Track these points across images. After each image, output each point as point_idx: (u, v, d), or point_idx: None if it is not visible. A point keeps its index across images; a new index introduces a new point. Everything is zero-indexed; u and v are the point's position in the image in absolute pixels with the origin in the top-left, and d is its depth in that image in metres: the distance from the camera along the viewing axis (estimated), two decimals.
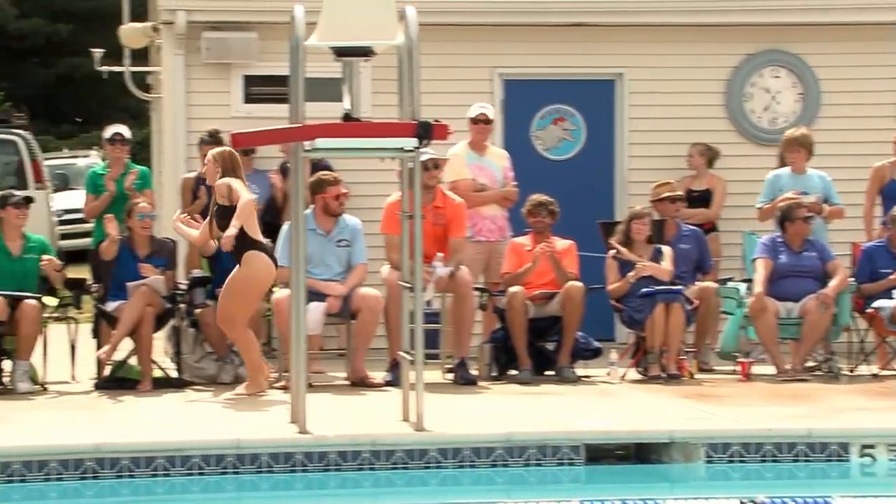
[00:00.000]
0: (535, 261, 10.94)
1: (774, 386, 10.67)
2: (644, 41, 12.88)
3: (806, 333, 11.07)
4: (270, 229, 11.38)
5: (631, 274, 11.05)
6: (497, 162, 11.72)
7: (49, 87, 34.68)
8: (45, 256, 10.49)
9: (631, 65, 12.92)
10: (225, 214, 9.88)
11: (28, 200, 10.81)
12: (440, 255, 10.65)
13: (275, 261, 10.06)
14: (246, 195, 9.82)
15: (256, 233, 9.93)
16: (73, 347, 11.00)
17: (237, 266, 9.93)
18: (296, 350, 8.54)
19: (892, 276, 11.22)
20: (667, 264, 11.08)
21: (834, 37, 12.94)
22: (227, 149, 10.24)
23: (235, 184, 9.86)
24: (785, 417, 9.02)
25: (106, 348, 10.44)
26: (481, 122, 11.61)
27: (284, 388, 9.80)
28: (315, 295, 10.19)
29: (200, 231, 10.27)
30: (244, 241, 9.84)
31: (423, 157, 9.29)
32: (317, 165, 11.08)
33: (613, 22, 12.82)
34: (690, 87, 12.93)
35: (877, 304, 11.17)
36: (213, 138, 11.79)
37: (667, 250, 11.23)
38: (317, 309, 10.30)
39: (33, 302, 10.38)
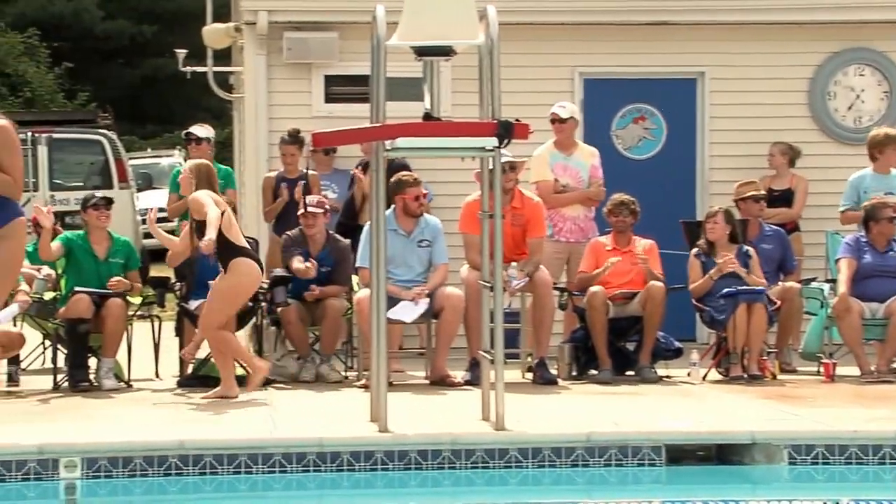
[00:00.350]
0: (606, 268, 10.85)
1: (859, 387, 10.55)
2: (726, 40, 12.79)
3: (891, 334, 10.93)
4: (347, 230, 11.45)
5: (713, 270, 10.98)
6: (584, 160, 11.66)
7: (133, 88, 35.11)
8: (112, 279, 10.57)
9: (712, 63, 12.84)
10: (202, 229, 9.86)
11: (108, 201, 10.93)
12: (514, 264, 10.62)
13: (260, 264, 9.99)
14: (213, 211, 9.67)
15: (238, 239, 9.85)
16: (156, 345, 11.13)
17: (221, 272, 9.86)
18: (376, 349, 8.57)
19: None
20: (758, 273, 10.99)
21: None
22: (204, 162, 10.25)
23: (204, 197, 9.76)
24: (870, 419, 8.92)
25: (189, 347, 10.53)
26: (556, 121, 11.58)
27: (365, 387, 9.83)
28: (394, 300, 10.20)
29: (181, 239, 10.29)
30: (228, 249, 9.78)
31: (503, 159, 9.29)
32: (394, 165, 11.06)
33: (695, 21, 12.74)
34: (773, 86, 12.82)
35: None
36: (293, 138, 11.87)
37: (753, 254, 11.14)
38: (414, 310, 10.35)
39: (118, 300, 10.50)
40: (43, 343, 11.29)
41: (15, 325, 10.68)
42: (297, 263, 10.69)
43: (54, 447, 7.91)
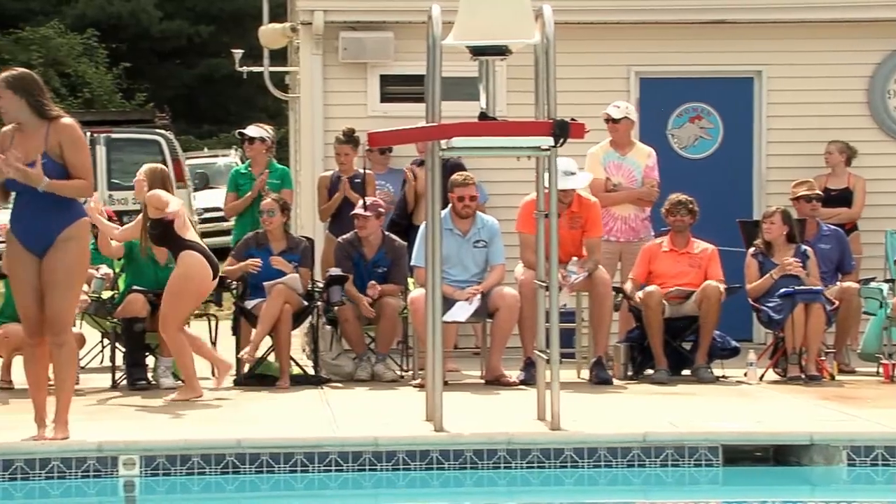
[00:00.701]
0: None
1: None
2: (784, 38, 12.71)
3: None
4: (400, 229, 11.46)
5: (775, 270, 10.90)
6: (639, 160, 11.62)
7: (190, 88, 35.36)
8: None
9: (770, 62, 12.76)
10: (157, 225, 9.87)
11: None
12: (575, 259, 10.61)
13: (212, 262, 9.94)
14: (172, 198, 9.79)
15: (187, 233, 9.89)
16: (213, 344, 11.17)
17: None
18: (432, 348, 8.58)
19: None
20: (815, 274, 10.92)
21: None
22: (158, 165, 10.27)
23: (164, 193, 9.83)
24: None
25: (248, 349, 10.57)
26: (609, 121, 11.54)
27: (420, 387, 9.84)
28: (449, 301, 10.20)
29: (125, 230, 10.28)
30: (177, 243, 9.82)
31: (561, 186, 9.45)
32: (449, 165, 11.01)
33: (753, 19, 12.67)
34: (831, 85, 12.73)
35: None
36: (348, 137, 11.89)
37: (811, 254, 11.06)
38: (467, 309, 10.37)
39: None
40: (101, 342, 11.38)
41: (74, 325, 10.76)
42: (355, 290, 10.76)
43: (113, 445, 7.97)
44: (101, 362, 11.45)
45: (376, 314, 10.85)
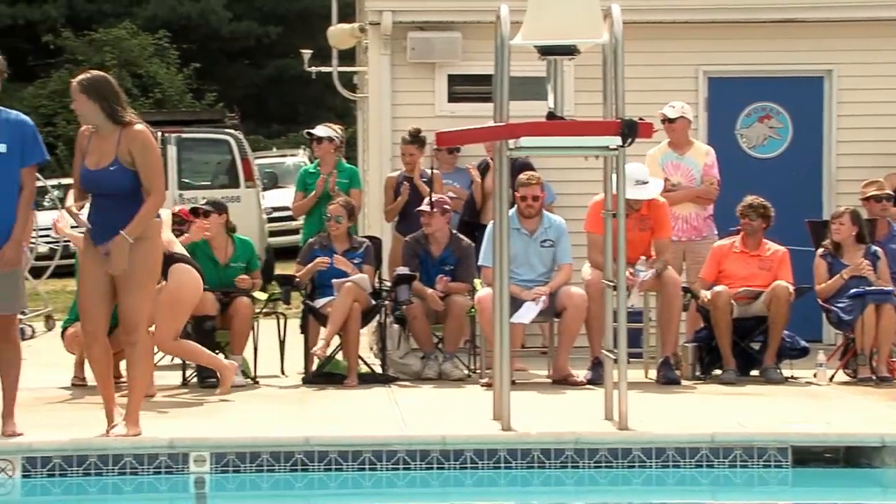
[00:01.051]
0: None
1: None
2: (855, 37, 12.60)
3: None
4: (469, 228, 11.48)
5: (846, 271, 10.82)
6: (697, 159, 11.58)
7: (259, 88, 35.58)
8: (239, 277, 10.72)
9: (841, 61, 12.65)
10: None
11: (207, 212, 10.80)
12: (643, 258, 10.59)
13: (200, 272, 9.96)
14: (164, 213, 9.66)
15: (173, 249, 9.89)
16: (282, 342, 11.27)
17: (162, 283, 9.75)
18: (499, 348, 8.60)
19: None
20: (885, 275, 10.82)
21: None
22: None
23: None
24: None
25: (320, 345, 10.63)
26: (665, 121, 11.50)
27: (488, 385, 9.87)
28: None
29: None
30: (165, 259, 9.61)
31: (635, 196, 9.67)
32: (517, 165, 11.00)
33: (823, 18, 12.57)
34: None
35: None
36: (414, 137, 11.93)
37: (881, 254, 10.96)
38: (532, 310, 10.37)
39: (246, 300, 10.66)
40: None
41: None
42: (421, 286, 10.82)
43: (184, 442, 8.07)
44: (172, 360, 11.56)
45: (444, 313, 10.88)
